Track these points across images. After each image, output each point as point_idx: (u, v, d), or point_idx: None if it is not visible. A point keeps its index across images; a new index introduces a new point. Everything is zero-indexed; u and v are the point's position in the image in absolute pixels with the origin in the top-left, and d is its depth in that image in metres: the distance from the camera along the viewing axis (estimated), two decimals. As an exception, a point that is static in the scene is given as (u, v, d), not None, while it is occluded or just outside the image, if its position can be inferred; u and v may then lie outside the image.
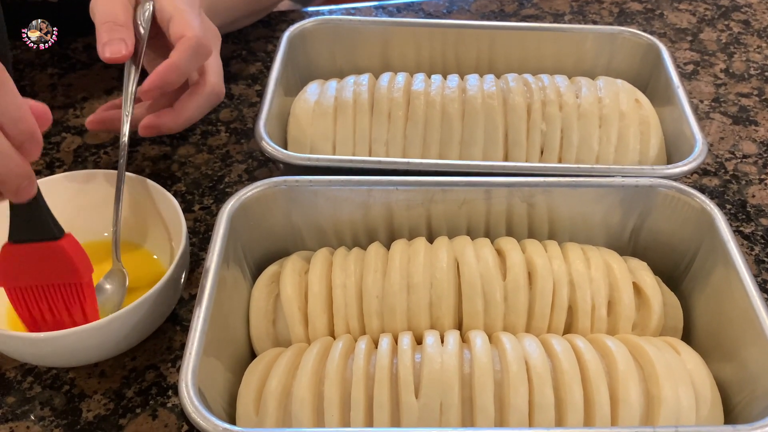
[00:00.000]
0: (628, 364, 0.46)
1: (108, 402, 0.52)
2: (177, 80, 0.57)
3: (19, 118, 0.42)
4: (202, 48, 0.58)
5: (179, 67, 0.56)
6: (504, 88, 0.65)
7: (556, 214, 0.56)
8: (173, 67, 0.56)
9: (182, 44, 0.57)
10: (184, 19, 0.58)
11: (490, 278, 0.51)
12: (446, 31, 0.73)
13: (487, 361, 0.45)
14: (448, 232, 0.56)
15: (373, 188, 0.55)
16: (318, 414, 0.44)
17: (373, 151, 0.63)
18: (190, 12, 0.59)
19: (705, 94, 0.80)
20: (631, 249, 0.58)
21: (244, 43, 0.85)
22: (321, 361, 0.46)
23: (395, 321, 0.50)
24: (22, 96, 0.42)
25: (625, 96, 0.65)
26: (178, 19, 0.58)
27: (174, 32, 0.58)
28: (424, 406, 0.44)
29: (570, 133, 0.62)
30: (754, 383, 0.46)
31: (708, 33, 0.90)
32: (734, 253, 0.50)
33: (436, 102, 0.63)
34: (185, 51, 0.56)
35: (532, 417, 0.44)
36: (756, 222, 0.66)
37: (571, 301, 0.51)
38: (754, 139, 0.75)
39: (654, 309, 0.52)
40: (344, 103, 0.64)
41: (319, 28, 0.73)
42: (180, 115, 0.61)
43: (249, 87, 0.79)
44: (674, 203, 0.55)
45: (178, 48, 0.57)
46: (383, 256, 0.53)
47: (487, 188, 0.55)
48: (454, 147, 0.63)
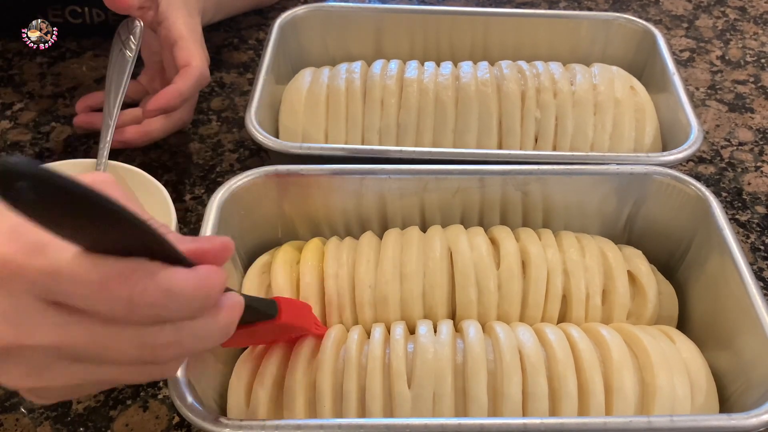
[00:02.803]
0: (623, 353, 0.45)
1: (98, 394, 0.51)
2: (179, 105, 0.61)
3: (172, 301, 0.30)
4: (203, 79, 0.62)
5: (183, 94, 0.60)
6: (498, 76, 0.64)
7: (551, 203, 0.55)
8: (178, 93, 0.60)
9: (188, 73, 0.61)
10: (190, 48, 0.62)
11: (484, 267, 0.50)
12: (440, 18, 0.72)
13: (481, 351, 0.45)
14: (441, 221, 0.56)
15: (366, 177, 0.54)
16: (310, 405, 0.44)
17: (365, 139, 0.63)
18: (195, 40, 0.63)
19: (701, 81, 0.80)
20: (626, 237, 0.57)
21: (235, 31, 0.84)
22: (313, 352, 0.46)
23: (388, 311, 0.50)
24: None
25: (620, 83, 0.64)
26: (184, 47, 0.62)
27: (180, 58, 0.61)
28: (417, 396, 0.43)
29: (565, 121, 0.62)
30: (749, 372, 0.45)
31: (704, 20, 0.89)
32: (730, 241, 0.49)
33: (429, 89, 0.62)
34: (189, 80, 0.60)
35: (525, 406, 0.44)
36: (752, 210, 0.66)
37: (566, 290, 0.51)
38: (750, 127, 0.74)
39: (649, 297, 0.51)
40: (336, 91, 0.63)
41: (311, 15, 0.72)
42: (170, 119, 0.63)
43: (240, 75, 0.78)
44: (669, 191, 0.54)
45: (183, 76, 0.60)
46: (376, 245, 0.52)
47: (481, 176, 0.54)
48: (447, 135, 0.62)
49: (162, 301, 0.29)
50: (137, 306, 0.28)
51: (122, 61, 0.63)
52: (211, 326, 0.32)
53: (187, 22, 0.63)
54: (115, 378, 0.32)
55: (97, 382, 0.32)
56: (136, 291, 0.28)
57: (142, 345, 0.30)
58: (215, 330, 0.32)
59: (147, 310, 0.29)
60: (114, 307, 0.28)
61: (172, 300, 0.29)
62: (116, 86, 0.62)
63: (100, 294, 0.28)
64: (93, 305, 0.29)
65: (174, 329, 0.30)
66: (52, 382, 0.31)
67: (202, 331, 0.32)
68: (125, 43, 0.64)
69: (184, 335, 0.31)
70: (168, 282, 0.29)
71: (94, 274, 0.28)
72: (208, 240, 0.33)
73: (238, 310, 0.34)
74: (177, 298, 0.29)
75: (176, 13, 0.63)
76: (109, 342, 0.30)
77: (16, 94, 0.75)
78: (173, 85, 0.60)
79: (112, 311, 0.29)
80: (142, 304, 0.29)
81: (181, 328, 0.31)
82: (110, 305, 0.28)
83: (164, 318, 0.30)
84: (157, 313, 0.29)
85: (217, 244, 0.33)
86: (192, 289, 0.30)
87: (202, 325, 0.31)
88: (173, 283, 0.29)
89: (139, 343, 0.30)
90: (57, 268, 0.28)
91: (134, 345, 0.30)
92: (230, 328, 0.33)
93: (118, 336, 0.30)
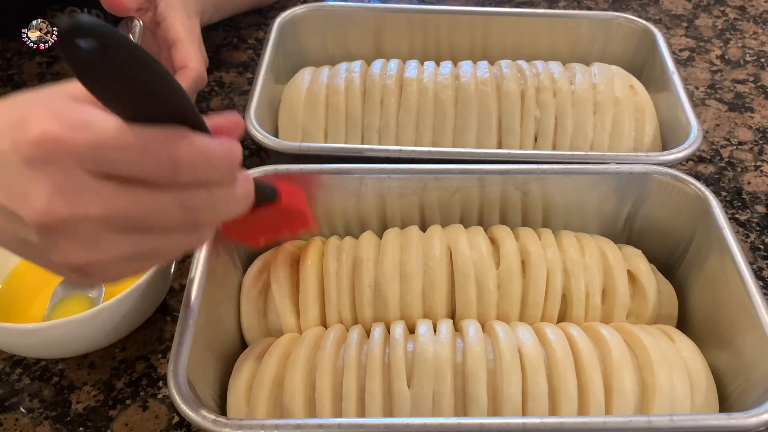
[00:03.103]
0: (623, 352, 0.45)
1: (98, 393, 0.51)
2: None
3: (207, 162, 0.33)
4: (201, 81, 0.62)
5: None
6: (498, 75, 0.64)
7: (550, 202, 0.55)
8: None
9: (184, 75, 0.61)
10: (187, 50, 0.62)
11: (484, 267, 0.50)
12: (440, 18, 0.72)
13: (480, 350, 0.45)
14: (441, 221, 0.56)
15: (366, 176, 0.54)
16: (310, 404, 0.44)
17: (365, 138, 0.63)
18: (193, 42, 0.63)
19: (700, 80, 0.80)
20: (626, 236, 0.57)
21: (234, 31, 0.84)
22: (312, 351, 0.46)
23: (388, 310, 0.50)
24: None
25: (620, 82, 0.64)
26: (182, 49, 0.62)
27: (177, 60, 0.62)
28: (416, 396, 0.43)
29: (564, 120, 0.62)
30: (749, 371, 0.45)
31: (704, 19, 0.89)
32: (729, 240, 0.49)
33: (428, 89, 0.62)
34: (185, 81, 0.61)
35: (525, 406, 0.44)
36: (751, 209, 0.66)
37: (565, 289, 0.51)
38: (749, 126, 0.74)
39: (649, 297, 0.51)
40: (336, 91, 0.63)
41: (311, 14, 0.72)
42: None
43: (240, 75, 0.78)
44: (669, 190, 0.54)
45: (180, 77, 0.61)
46: (376, 244, 0.52)
47: (481, 176, 0.54)
48: (447, 134, 0.62)
49: (199, 162, 0.32)
50: (178, 166, 0.31)
51: None
52: (236, 193, 0.35)
53: (185, 23, 0.63)
54: (161, 247, 0.34)
55: (145, 253, 0.34)
56: (176, 152, 0.31)
57: (183, 207, 0.32)
58: (239, 196, 0.35)
59: (186, 171, 0.31)
60: (158, 169, 0.31)
61: (208, 162, 0.32)
62: None
63: (144, 158, 0.30)
64: (139, 171, 0.31)
65: (208, 193, 0.33)
66: (104, 255, 0.32)
67: (229, 197, 0.34)
68: None
69: (217, 199, 0.34)
70: (203, 145, 0.32)
71: (137, 140, 0.30)
72: (222, 117, 0.36)
73: (251, 182, 0.37)
74: (211, 161, 0.32)
75: (174, 15, 0.63)
76: (154, 207, 0.32)
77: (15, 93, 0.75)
78: None
79: (156, 173, 0.31)
80: (182, 164, 0.31)
81: (214, 192, 0.33)
82: (154, 168, 0.31)
83: (200, 180, 0.33)
84: (195, 174, 0.32)
85: (230, 120, 0.36)
86: (223, 153, 0.33)
87: (229, 191, 0.34)
88: (207, 146, 0.32)
89: (180, 205, 0.32)
90: (102, 139, 0.30)
91: (177, 207, 0.32)
92: (249, 196, 0.36)
93: (162, 201, 0.32)
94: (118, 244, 0.32)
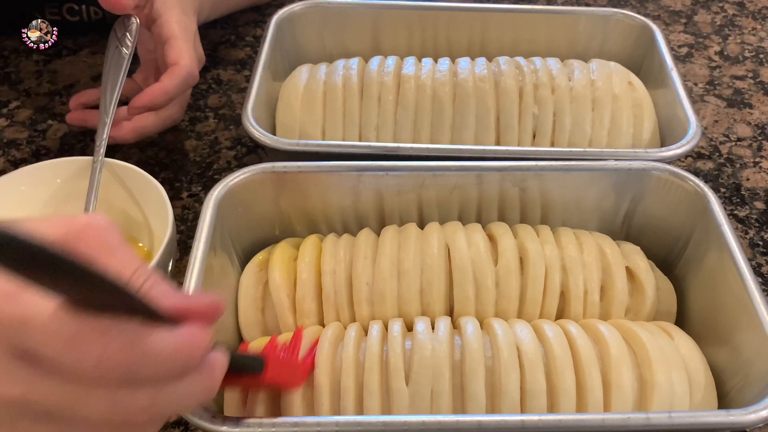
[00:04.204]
0: (621, 349, 0.45)
1: (95, 392, 0.51)
2: (164, 104, 0.61)
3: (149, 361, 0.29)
4: (191, 78, 0.62)
5: (168, 92, 0.60)
6: (496, 72, 0.64)
7: (549, 199, 0.55)
8: (163, 92, 0.60)
9: (174, 72, 0.60)
10: (180, 47, 0.62)
11: (482, 264, 0.50)
12: (437, 14, 0.72)
13: (478, 347, 0.45)
14: (439, 218, 0.56)
15: (363, 173, 0.54)
16: (307, 402, 0.44)
17: (363, 135, 0.62)
18: (187, 39, 0.63)
19: (699, 76, 0.80)
20: (625, 233, 0.57)
21: (232, 28, 0.84)
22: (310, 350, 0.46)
23: (385, 308, 0.50)
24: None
25: (618, 78, 0.64)
26: (175, 46, 0.61)
27: (169, 57, 0.61)
28: (414, 393, 0.43)
29: (562, 117, 0.62)
30: (748, 368, 0.45)
31: (702, 15, 0.89)
32: (728, 236, 0.49)
33: (426, 86, 0.62)
34: (176, 78, 0.60)
35: (523, 403, 0.43)
36: (750, 205, 0.65)
37: (564, 287, 0.50)
38: (748, 122, 0.74)
39: (647, 294, 0.51)
40: (334, 88, 0.63)
41: (308, 11, 0.72)
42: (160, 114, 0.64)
43: (238, 72, 0.78)
44: (668, 187, 0.54)
45: (170, 74, 0.60)
46: (373, 242, 0.52)
47: (479, 173, 0.54)
48: (445, 131, 0.62)
49: (136, 363, 0.28)
50: (107, 366, 0.27)
51: (118, 59, 0.63)
52: (192, 389, 0.30)
53: (180, 20, 0.63)
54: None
55: None
56: (108, 350, 0.27)
57: (114, 407, 0.28)
58: (196, 392, 0.31)
59: (118, 371, 0.28)
60: (83, 364, 0.27)
61: (148, 362, 0.28)
62: (112, 84, 0.62)
63: (69, 349, 0.27)
64: (62, 360, 0.27)
65: (150, 392, 0.29)
66: None
67: (181, 394, 0.30)
68: (121, 41, 0.63)
69: (162, 398, 0.29)
70: (144, 344, 0.28)
71: (67, 327, 0.27)
72: (197, 298, 0.32)
73: (220, 372, 0.32)
74: (153, 361, 0.28)
75: (170, 12, 0.63)
76: (78, 400, 0.28)
77: (13, 92, 0.75)
78: (159, 83, 0.60)
79: (81, 369, 0.27)
80: (112, 365, 0.27)
81: (159, 390, 0.29)
82: (79, 362, 0.27)
83: (139, 379, 0.28)
84: (131, 375, 0.28)
85: (206, 303, 0.31)
86: (171, 351, 0.28)
87: (182, 387, 0.30)
88: (150, 345, 0.28)
89: (110, 404, 0.28)
90: (28, 317, 0.27)
91: (106, 406, 0.28)
92: (212, 391, 0.32)
93: (88, 395, 0.28)
94: (35, 431, 0.29)
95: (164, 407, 0.30)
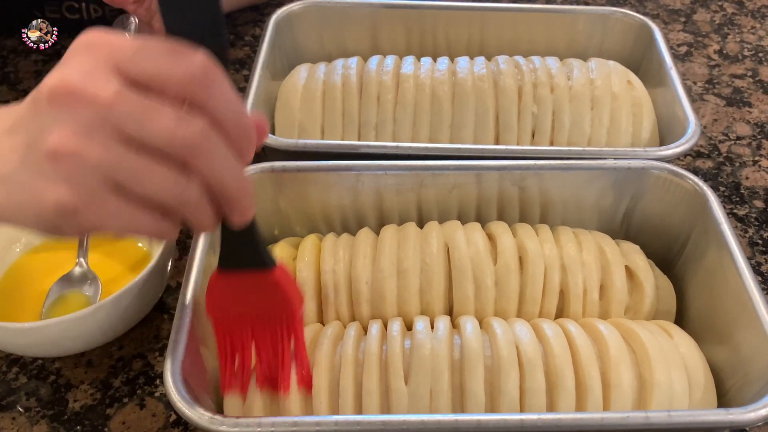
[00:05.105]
0: (620, 348, 0.45)
1: (95, 392, 0.51)
2: None
3: (240, 117, 0.33)
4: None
5: None
6: (495, 71, 0.64)
7: (548, 198, 0.55)
8: None
9: None
10: None
11: (481, 263, 0.50)
12: (437, 14, 0.72)
13: (478, 347, 0.45)
14: (438, 217, 0.56)
15: (363, 173, 0.54)
16: (306, 401, 0.44)
17: (362, 135, 0.62)
18: None
19: (698, 75, 0.80)
20: (624, 232, 0.57)
21: (231, 28, 0.84)
22: (309, 348, 0.46)
23: (385, 307, 0.50)
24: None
25: (618, 77, 0.64)
26: None
27: None
28: (413, 392, 0.43)
29: (562, 116, 0.62)
30: (747, 366, 0.45)
31: (701, 14, 0.89)
32: (728, 235, 0.49)
33: (425, 85, 0.62)
34: None
35: (523, 402, 0.43)
36: (750, 204, 0.65)
37: (563, 286, 0.50)
38: (747, 121, 0.74)
39: (646, 292, 0.51)
40: (332, 87, 0.63)
41: (307, 11, 0.71)
42: None
43: (237, 72, 0.78)
44: (667, 185, 0.54)
45: None
46: (373, 241, 0.52)
47: (478, 172, 0.54)
48: (444, 130, 0.62)
49: (224, 96, 0.32)
50: (204, 82, 0.31)
51: None
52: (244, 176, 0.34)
53: None
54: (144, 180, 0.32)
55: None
56: (208, 67, 0.32)
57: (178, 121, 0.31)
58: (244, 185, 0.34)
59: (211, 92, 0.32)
60: (183, 77, 0.31)
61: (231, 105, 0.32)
62: None
63: (175, 60, 0.31)
64: (167, 73, 0.31)
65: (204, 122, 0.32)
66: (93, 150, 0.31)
67: (225, 153, 0.33)
68: None
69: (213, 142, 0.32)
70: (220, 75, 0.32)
71: (174, 45, 0.32)
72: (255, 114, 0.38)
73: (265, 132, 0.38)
74: (236, 108, 0.33)
75: None
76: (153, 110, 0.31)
77: (12, 91, 0.75)
78: None
79: (181, 82, 0.31)
80: (209, 82, 0.32)
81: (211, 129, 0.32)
82: (181, 74, 0.31)
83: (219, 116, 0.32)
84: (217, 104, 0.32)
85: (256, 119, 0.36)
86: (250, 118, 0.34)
87: (238, 166, 0.34)
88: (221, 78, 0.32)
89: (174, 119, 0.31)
90: (139, 42, 0.32)
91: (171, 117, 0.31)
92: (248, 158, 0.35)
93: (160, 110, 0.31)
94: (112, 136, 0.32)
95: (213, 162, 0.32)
